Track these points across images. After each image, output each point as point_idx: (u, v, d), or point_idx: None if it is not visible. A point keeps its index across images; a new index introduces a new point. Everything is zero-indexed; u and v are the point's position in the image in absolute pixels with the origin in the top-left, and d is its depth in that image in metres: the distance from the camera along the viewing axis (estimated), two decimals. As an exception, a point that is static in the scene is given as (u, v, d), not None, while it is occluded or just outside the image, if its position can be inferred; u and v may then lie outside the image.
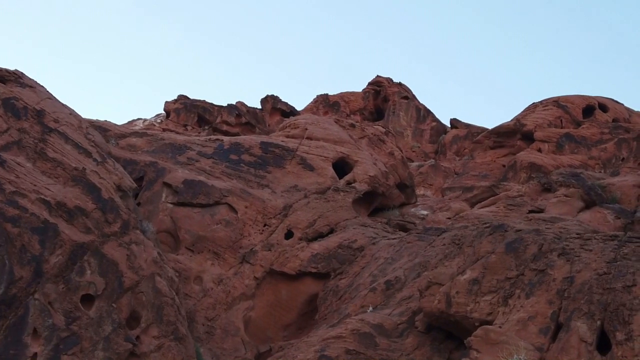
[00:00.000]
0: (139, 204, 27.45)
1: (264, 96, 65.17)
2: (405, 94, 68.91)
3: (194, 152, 31.87)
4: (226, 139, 34.10)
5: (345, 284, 26.17)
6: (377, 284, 24.25)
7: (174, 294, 21.52)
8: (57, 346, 18.14)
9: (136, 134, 33.54)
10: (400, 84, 70.14)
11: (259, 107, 64.20)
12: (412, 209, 37.11)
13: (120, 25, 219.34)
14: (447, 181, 50.62)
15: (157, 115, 60.90)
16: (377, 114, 69.61)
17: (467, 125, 64.21)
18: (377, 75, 71.28)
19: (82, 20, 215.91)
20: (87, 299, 19.29)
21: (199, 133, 53.56)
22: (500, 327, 17.42)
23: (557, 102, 51.62)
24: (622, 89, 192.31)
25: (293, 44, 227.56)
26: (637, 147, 45.85)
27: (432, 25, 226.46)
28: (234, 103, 59.83)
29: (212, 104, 59.63)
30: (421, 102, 69.27)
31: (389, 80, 70.55)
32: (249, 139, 34.26)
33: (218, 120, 57.55)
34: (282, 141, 34.02)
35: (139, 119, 60.84)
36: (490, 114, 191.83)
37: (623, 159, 45.84)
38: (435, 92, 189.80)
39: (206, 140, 33.48)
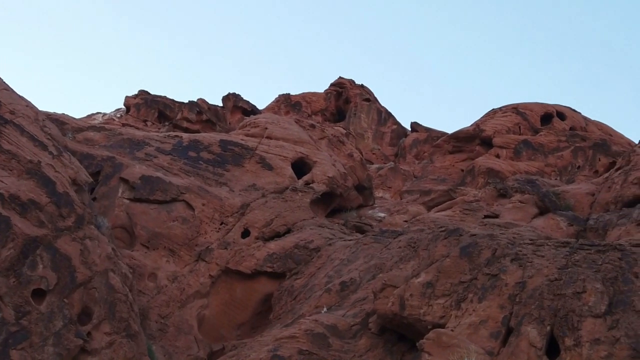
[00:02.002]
0: (94, 199, 27.18)
1: (225, 94, 64.89)
2: (367, 96, 69.12)
3: (153, 148, 31.63)
4: (185, 135, 33.93)
5: (300, 284, 26.20)
6: (332, 284, 24.33)
7: (128, 290, 21.35)
8: (6, 341, 17.89)
9: (94, 128, 33.17)
10: (362, 86, 70.34)
11: (221, 104, 63.86)
12: (370, 211, 37.29)
13: (82, 19, 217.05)
14: (406, 184, 50.90)
15: (117, 110, 60.23)
16: (339, 115, 69.76)
17: (428, 129, 64.67)
18: (340, 77, 71.40)
19: (42, 12, 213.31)
20: (38, 294, 19.03)
21: (159, 129, 53.10)
22: (452, 330, 17.59)
23: (516, 109, 52.16)
24: (579, 97, 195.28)
25: (256, 42, 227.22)
26: (592, 155, 46.55)
27: (395, 28, 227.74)
28: (195, 100, 59.46)
29: (173, 100, 59.19)
30: (383, 104, 69.52)
31: (351, 82, 70.71)
32: (209, 137, 34.12)
33: (178, 116, 57.12)
34: (242, 140, 33.94)
35: (98, 113, 60.13)
36: (451, 118, 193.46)
37: (579, 167, 46.50)
38: (397, 96, 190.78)
39: (165, 137, 33.27)
